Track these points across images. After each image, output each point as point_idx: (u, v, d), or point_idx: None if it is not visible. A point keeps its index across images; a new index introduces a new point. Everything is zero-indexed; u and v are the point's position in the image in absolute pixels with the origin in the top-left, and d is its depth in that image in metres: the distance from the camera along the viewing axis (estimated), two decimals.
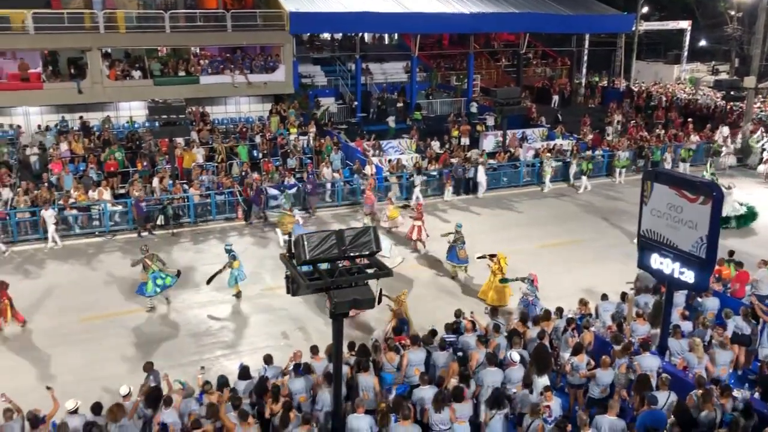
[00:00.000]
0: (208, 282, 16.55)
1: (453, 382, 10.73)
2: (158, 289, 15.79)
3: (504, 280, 15.99)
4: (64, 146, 25.31)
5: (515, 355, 11.08)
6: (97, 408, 10.13)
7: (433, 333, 12.48)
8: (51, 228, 19.99)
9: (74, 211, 21.25)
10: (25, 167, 24.78)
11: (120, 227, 21.71)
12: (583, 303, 13.94)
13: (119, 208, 21.90)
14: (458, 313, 13.23)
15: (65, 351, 14.35)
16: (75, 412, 9.97)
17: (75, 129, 27.34)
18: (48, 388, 10.62)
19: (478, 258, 16.80)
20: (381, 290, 13.29)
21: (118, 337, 14.97)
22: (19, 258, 19.48)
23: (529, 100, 35.63)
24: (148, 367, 11.45)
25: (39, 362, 13.88)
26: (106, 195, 21.94)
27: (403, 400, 9.90)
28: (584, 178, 26.46)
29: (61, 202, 21.18)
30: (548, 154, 27.20)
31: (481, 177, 25.62)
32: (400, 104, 32.93)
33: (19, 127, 27.23)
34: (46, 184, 22.08)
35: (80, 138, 26.17)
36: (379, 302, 12.96)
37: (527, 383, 10.68)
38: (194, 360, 13.82)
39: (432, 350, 11.75)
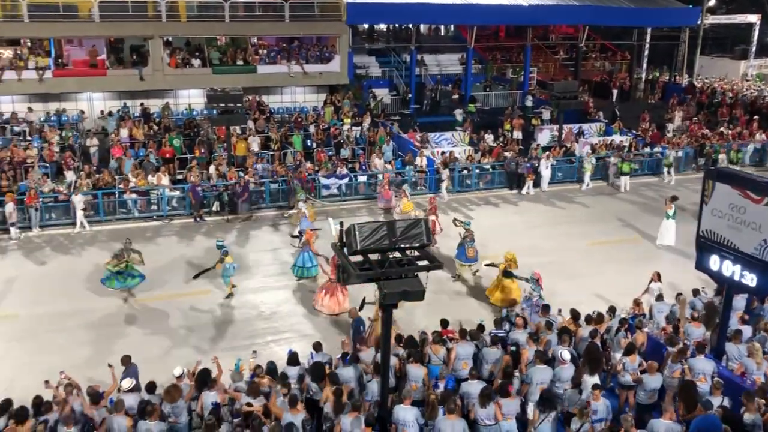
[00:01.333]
0: (195, 277, 16.52)
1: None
2: (118, 285, 15.66)
3: (508, 274, 15.56)
4: (125, 132, 26.07)
5: (566, 353, 10.92)
6: (151, 387, 10.44)
7: (481, 328, 12.41)
8: (80, 213, 20.52)
9: (134, 195, 21.87)
10: (85, 154, 25.49)
11: (177, 212, 22.24)
12: (636, 303, 13.67)
13: (177, 193, 22.43)
14: (513, 302, 13.15)
15: (124, 330, 14.85)
16: (130, 391, 10.29)
17: (136, 115, 28.10)
18: (109, 365, 11.00)
19: (486, 265, 16.47)
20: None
21: (173, 319, 15.39)
22: (81, 240, 20.18)
23: (587, 95, 34.89)
24: (126, 361, 11.34)
25: (99, 340, 14.37)
26: (165, 180, 22.52)
27: (451, 394, 9.88)
28: (623, 178, 25.59)
29: (121, 186, 21.84)
30: (588, 151, 26.58)
31: (544, 170, 25.31)
32: (455, 96, 32.70)
33: (82, 112, 28.13)
34: (92, 167, 22.80)
35: (141, 124, 26.89)
36: (361, 309, 13.02)
37: (577, 382, 10.52)
38: (246, 344, 14.06)
39: (481, 345, 11.71)
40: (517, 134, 29.50)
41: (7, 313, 15.42)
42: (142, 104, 28.56)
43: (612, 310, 13.25)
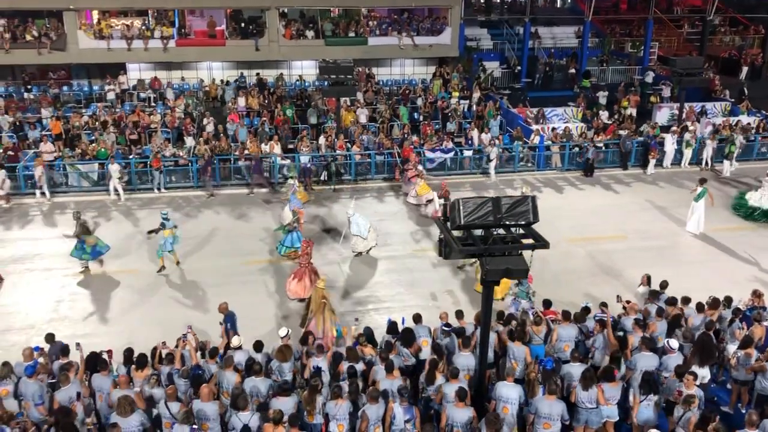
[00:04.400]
0: (149, 233, 16.87)
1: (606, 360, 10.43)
2: (84, 255, 15.94)
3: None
4: (241, 101, 27.08)
5: (674, 342, 10.48)
6: (258, 346, 10.93)
7: (586, 310, 12.10)
8: (115, 181, 21.00)
9: (247, 162, 22.73)
10: (200, 128, 26.63)
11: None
12: (756, 294, 12.82)
13: (287, 162, 23.11)
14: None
15: (231, 290, 15.44)
16: (239, 348, 10.83)
17: (252, 85, 29.09)
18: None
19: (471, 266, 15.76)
20: None
21: (277, 282, 15.98)
22: (197, 201, 21.26)
23: (713, 71, 32.74)
24: (50, 339, 11.37)
25: (208, 299, 15.15)
26: (277, 149, 23.26)
27: (552, 375, 9.75)
28: (727, 161, 23.89)
29: (236, 153, 22.76)
30: (689, 133, 24.96)
31: (669, 146, 24.22)
32: (571, 70, 31.57)
33: (202, 81, 29.44)
34: (213, 134, 23.94)
35: (256, 93, 27.82)
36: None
37: (680, 372, 10.06)
38: (348, 311, 14.51)
39: (585, 329, 11.46)
40: (632, 111, 28.17)
41: (131, 268, 16.58)
42: (257, 74, 29.51)
43: (728, 300, 12.53)
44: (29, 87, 28.24)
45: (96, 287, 15.74)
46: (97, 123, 24.62)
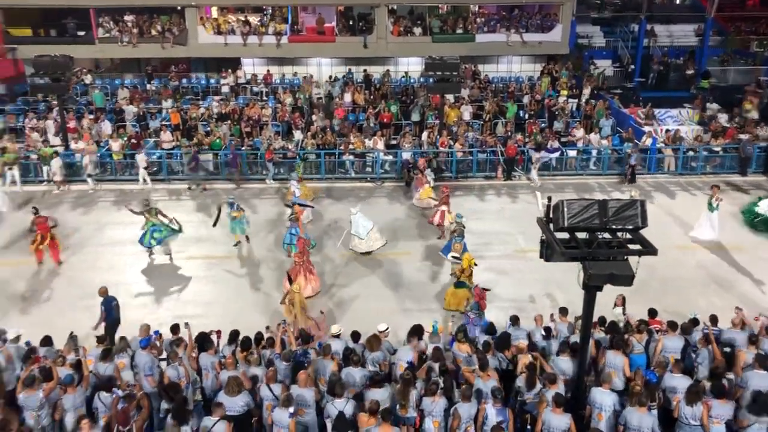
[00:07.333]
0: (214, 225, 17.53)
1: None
2: (153, 242, 16.65)
3: (460, 284, 14.25)
4: (347, 96, 27.61)
5: None
6: (356, 336, 11.19)
7: (695, 322, 11.54)
8: (142, 171, 22.08)
9: (351, 157, 23.16)
10: (308, 124, 27.35)
11: (389, 175, 23.19)
12: None
13: (390, 157, 23.36)
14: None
15: (335, 282, 15.97)
16: (338, 336, 11.12)
17: (358, 81, 29.58)
18: (321, 312, 11.97)
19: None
20: None
21: (377, 276, 16.25)
22: (321, 194, 21.68)
23: None
24: None
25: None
26: (380, 144, 23.57)
27: (654, 387, 9.40)
28: None
29: (341, 147, 23.26)
30: None
31: None
32: (690, 71, 29.98)
33: (311, 76, 30.25)
34: (318, 128, 24.51)
35: (362, 89, 28.26)
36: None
37: None
38: (441, 307, 14.54)
39: (692, 341, 10.95)
40: (753, 114, 26.40)
41: (239, 255, 17.33)
42: (365, 70, 29.99)
43: None
44: (152, 79, 30.04)
45: (208, 272, 16.57)
46: (212, 115, 25.87)
